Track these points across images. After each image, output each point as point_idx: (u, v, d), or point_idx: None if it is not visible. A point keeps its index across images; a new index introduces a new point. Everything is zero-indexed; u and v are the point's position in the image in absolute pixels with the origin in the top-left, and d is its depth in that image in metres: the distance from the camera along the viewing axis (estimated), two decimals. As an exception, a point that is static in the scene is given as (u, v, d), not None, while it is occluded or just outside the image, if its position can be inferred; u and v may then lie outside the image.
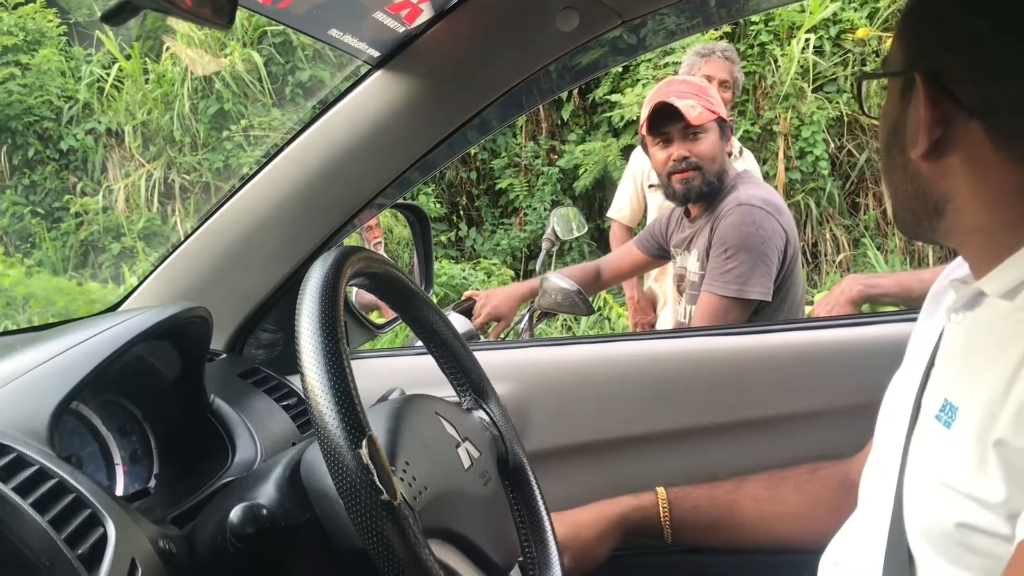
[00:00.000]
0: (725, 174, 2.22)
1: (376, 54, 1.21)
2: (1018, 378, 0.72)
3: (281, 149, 1.30)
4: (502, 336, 2.32)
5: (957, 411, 0.79)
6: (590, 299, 2.23)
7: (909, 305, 1.91)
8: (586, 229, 2.94)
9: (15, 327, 5.30)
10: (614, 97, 6.93)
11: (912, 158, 0.84)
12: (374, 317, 1.66)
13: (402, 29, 1.17)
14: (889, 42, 0.92)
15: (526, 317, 2.32)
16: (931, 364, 0.92)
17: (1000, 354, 0.75)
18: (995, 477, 0.73)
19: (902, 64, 0.86)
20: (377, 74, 1.24)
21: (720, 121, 2.21)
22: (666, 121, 2.18)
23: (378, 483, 0.69)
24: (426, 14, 1.17)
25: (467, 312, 2.33)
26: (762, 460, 1.37)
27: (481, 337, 2.29)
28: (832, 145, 6.80)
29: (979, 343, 0.83)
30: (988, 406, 0.75)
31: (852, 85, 6.58)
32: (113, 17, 0.60)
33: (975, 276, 0.87)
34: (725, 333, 1.62)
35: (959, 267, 1.03)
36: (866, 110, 1.04)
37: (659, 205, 3.19)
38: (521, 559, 1.04)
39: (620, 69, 6.96)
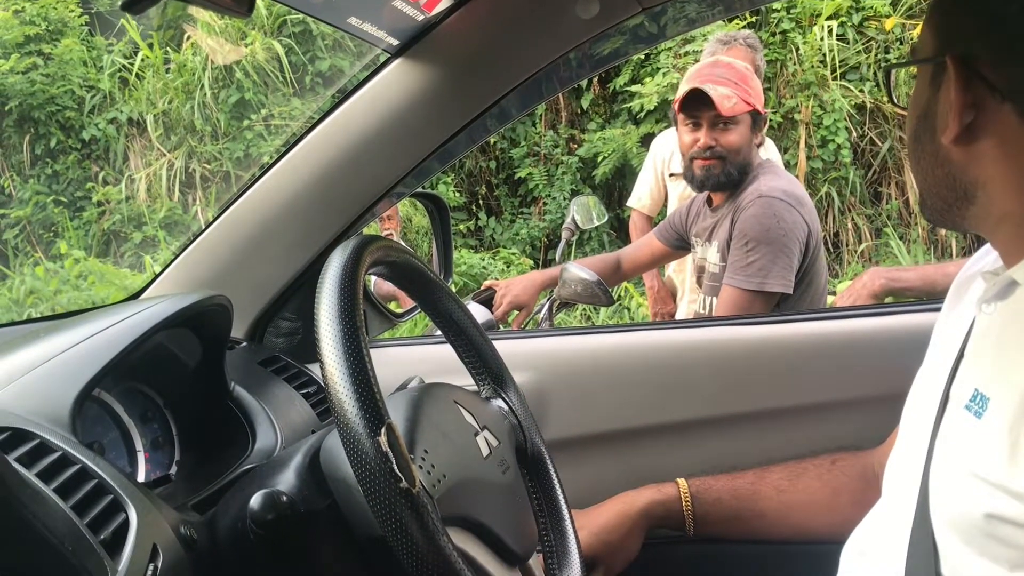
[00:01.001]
0: (749, 165, 2.20)
1: (395, 42, 1.21)
2: None
3: (300, 138, 1.30)
4: (524, 324, 2.32)
5: (988, 401, 0.78)
6: (610, 290, 2.22)
7: (933, 299, 1.89)
8: (606, 218, 2.92)
9: (38, 315, 5.36)
10: (634, 88, 6.90)
11: (943, 144, 0.84)
12: (393, 306, 1.67)
13: (421, 17, 1.17)
14: (916, 30, 0.92)
15: (545, 307, 2.32)
16: (960, 355, 0.91)
17: None
18: None
19: (933, 50, 0.86)
20: (396, 63, 1.24)
21: (754, 113, 2.20)
22: (700, 105, 2.17)
23: (397, 471, 0.69)
24: (445, 2, 1.16)
25: (487, 302, 2.33)
26: (781, 450, 1.37)
27: (500, 327, 2.29)
28: (854, 134, 6.73)
29: (1011, 333, 0.82)
30: (1022, 396, 0.74)
31: (876, 74, 6.51)
32: (133, 6, 0.60)
33: (1006, 265, 0.86)
34: (744, 323, 1.61)
35: (983, 257, 1.01)
36: (895, 99, 1.04)
37: (679, 194, 3.17)
38: (540, 547, 1.04)
39: (640, 58, 6.92)
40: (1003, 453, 0.75)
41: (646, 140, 6.14)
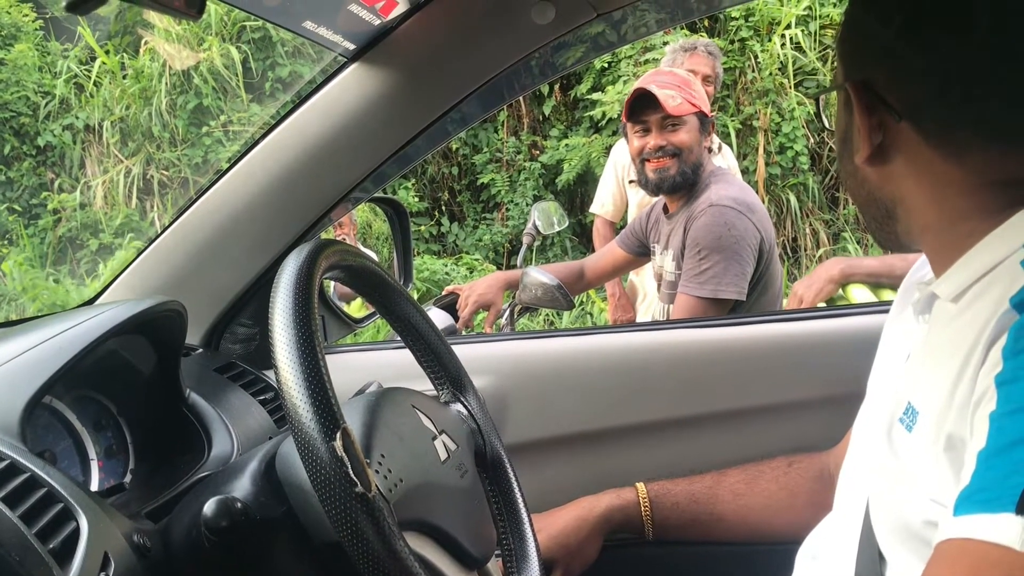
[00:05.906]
0: (702, 167, 2.22)
1: (351, 47, 1.21)
2: (961, 380, 0.73)
3: (256, 143, 1.29)
4: (496, 324, 2.32)
5: (918, 415, 0.80)
6: (573, 298, 2.23)
7: (892, 284, 1.91)
8: (567, 223, 2.94)
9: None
10: (595, 96, 6.93)
11: (859, 165, 0.87)
12: (353, 311, 1.66)
13: (377, 22, 1.17)
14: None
15: (507, 312, 2.32)
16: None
17: (948, 359, 0.76)
18: (948, 477, 0.73)
19: (841, 78, 0.90)
20: (352, 67, 1.23)
21: (701, 115, 2.22)
22: (645, 109, 2.19)
23: (352, 475, 0.69)
24: (401, 6, 1.16)
25: (449, 307, 2.33)
26: (739, 451, 1.38)
27: (463, 332, 2.29)
28: (812, 140, 6.83)
29: (932, 347, 0.84)
30: (939, 411, 0.75)
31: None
32: (79, 6, 0.59)
33: (936, 276, 0.88)
34: (702, 326, 1.63)
35: (925, 263, 1.03)
36: (827, 123, 1.06)
37: (639, 201, 3.20)
38: (498, 551, 1.04)
39: (602, 66, 6.96)
40: (929, 465, 0.76)
41: (609, 148, 6.17)
